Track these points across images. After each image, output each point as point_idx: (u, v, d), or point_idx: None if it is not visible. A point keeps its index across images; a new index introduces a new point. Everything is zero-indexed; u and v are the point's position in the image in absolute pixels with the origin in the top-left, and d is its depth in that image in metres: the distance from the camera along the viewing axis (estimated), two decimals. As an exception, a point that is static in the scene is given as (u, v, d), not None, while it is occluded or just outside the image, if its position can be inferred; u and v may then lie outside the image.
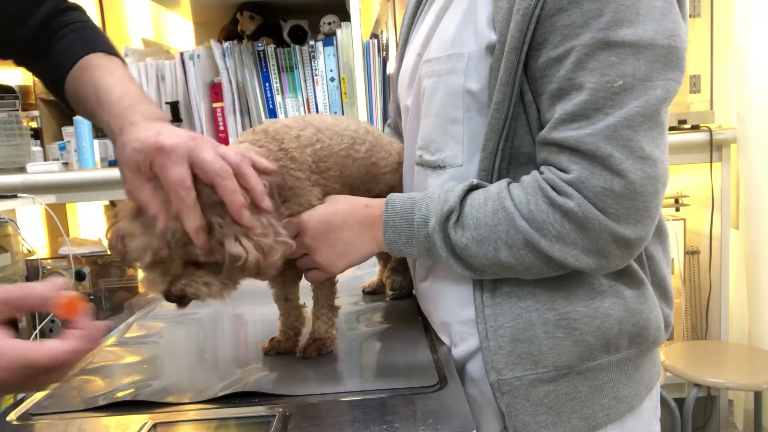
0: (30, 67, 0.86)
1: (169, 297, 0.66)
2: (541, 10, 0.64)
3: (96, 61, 0.78)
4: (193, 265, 0.65)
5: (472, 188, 0.71)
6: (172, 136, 0.62)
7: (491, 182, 0.71)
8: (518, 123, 0.69)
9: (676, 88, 0.65)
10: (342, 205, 0.78)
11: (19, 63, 0.85)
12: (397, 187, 0.90)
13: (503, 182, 0.69)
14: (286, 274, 0.82)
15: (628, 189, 0.62)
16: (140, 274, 2.33)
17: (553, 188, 0.65)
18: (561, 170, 0.66)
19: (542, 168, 0.68)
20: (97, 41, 0.81)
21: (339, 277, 0.83)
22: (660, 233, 0.77)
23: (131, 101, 0.71)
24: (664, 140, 0.65)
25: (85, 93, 0.76)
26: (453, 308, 0.78)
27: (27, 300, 0.53)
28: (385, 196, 0.90)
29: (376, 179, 0.89)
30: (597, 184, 0.63)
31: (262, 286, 0.87)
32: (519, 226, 0.66)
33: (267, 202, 0.66)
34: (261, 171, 0.66)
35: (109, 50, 0.81)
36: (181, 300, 0.67)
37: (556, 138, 0.65)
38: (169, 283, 0.65)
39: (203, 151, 0.61)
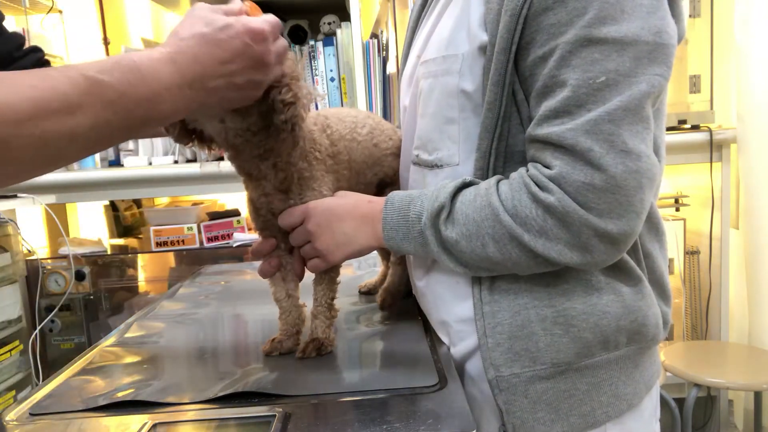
0: None
1: None
2: (528, 10, 0.65)
3: None
4: None
5: (465, 185, 0.72)
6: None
7: None
8: (511, 122, 0.70)
9: (662, 84, 0.65)
10: (347, 199, 0.80)
11: None
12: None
13: (493, 179, 0.70)
14: (288, 269, 0.83)
15: (608, 183, 0.62)
16: (140, 274, 2.32)
17: (536, 184, 0.66)
18: (545, 166, 0.66)
19: (529, 164, 0.69)
20: None
21: (339, 277, 0.84)
22: (657, 230, 0.77)
23: None
24: (650, 135, 0.65)
25: None
26: (451, 307, 0.78)
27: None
28: (389, 179, 0.93)
29: (380, 162, 0.92)
30: (578, 178, 0.63)
31: (264, 285, 0.87)
32: (503, 221, 0.67)
33: None
34: None
35: None
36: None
37: (540, 134, 0.66)
38: None
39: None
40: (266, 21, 0.65)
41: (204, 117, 0.72)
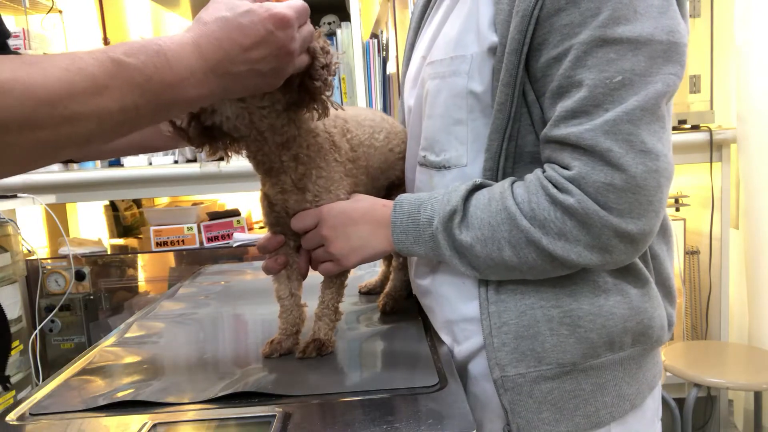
0: None
1: None
2: (540, 11, 0.65)
3: None
4: None
5: (477, 188, 0.71)
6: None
7: (497, 182, 0.72)
8: (522, 123, 0.70)
9: (676, 83, 0.65)
10: (363, 203, 0.80)
11: None
12: None
13: (507, 181, 0.70)
14: (294, 268, 0.83)
15: (629, 183, 0.62)
16: (140, 274, 2.31)
17: (555, 185, 0.66)
18: (563, 167, 0.66)
19: (545, 166, 0.69)
20: None
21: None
22: (665, 232, 0.77)
23: None
24: (666, 134, 0.65)
25: None
26: (457, 306, 0.78)
27: None
28: (399, 181, 0.92)
29: (393, 166, 0.91)
30: (597, 179, 0.63)
31: (264, 285, 0.87)
32: (521, 225, 0.67)
33: None
34: None
35: None
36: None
37: (557, 135, 0.66)
38: None
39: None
40: (291, 6, 0.62)
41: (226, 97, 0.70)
